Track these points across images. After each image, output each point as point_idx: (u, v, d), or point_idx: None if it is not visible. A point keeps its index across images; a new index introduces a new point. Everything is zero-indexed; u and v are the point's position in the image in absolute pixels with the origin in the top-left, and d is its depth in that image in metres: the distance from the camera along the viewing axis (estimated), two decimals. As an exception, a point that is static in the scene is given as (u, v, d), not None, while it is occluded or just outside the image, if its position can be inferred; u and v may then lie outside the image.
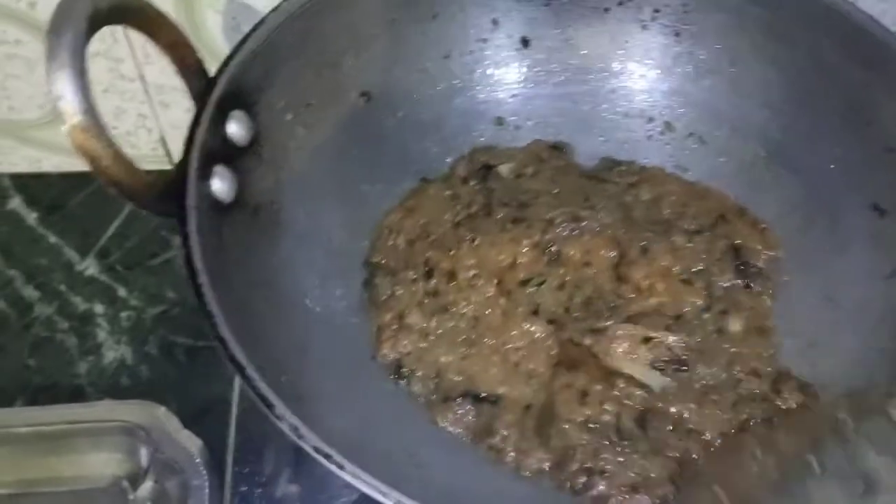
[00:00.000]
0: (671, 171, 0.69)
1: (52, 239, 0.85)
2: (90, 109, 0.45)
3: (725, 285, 0.62)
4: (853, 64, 0.60)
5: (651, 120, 0.70)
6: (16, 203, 0.86)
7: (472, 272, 0.61)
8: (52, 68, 0.45)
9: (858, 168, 0.61)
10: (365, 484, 0.40)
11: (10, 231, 0.84)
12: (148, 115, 0.84)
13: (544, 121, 0.71)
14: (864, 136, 0.61)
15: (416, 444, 0.53)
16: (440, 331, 0.59)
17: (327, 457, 0.41)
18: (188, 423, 0.69)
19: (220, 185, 0.52)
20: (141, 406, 0.69)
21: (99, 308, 0.81)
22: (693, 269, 0.61)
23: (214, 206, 0.51)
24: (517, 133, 0.70)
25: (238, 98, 0.55)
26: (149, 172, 0.49)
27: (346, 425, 0.49)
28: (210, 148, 0.52)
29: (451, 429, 0.56)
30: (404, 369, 0.59)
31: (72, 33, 0.45)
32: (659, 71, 0.69)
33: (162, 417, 0.69)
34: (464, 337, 0.59)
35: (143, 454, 0.68)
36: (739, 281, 0.62)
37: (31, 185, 0.87)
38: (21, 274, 0.82)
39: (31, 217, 0.86)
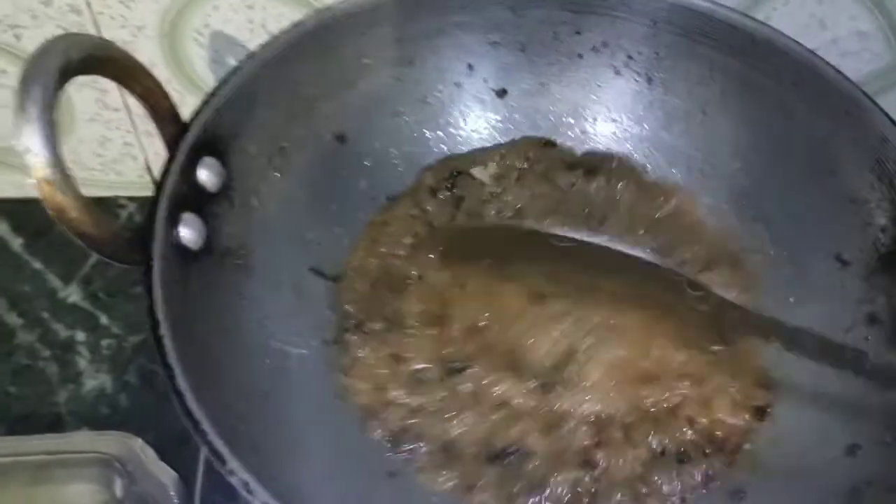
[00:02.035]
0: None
1: (37, 265, 0.85)
2: (58, 163, 0.46)
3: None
4: (819, 116, 0.61)
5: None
6: (2, 229, 0.87)
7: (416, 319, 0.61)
8: (20, 122, 0.46)
9: (822, 218, 0.62)
10: (313, 541, 0.41)
11: (-5, 257, 0.85)
12: (133, 143, 0.85)
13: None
14: (828, 186, 0.61)
15: (379, 494, 0.53)
16: (429, 409, 0.58)
17: (277, 513, 0.41)
18: (165, 453, 0.69)
19: (189, 232, 0.53)
20: (117, 438, 0.70)
21: (80, 336, 0.81)
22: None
23: (181, 254, 0.52)
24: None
25: (210, 145, 0.56)
26: (118, 224, 0.50)
27: (306, 474, 0.50)
28: (180, 196, 0.53)
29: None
30: (404, 446, 0.57)
31: (41, 86, 0.46)
32: (631, 116, 0.70)
33: (138, 449, 0.69)
34: (450, 409, 0.58)
35: (119, 486, 0.69)
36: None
37: (17, 210, 0.88)
38: (4, 300, 0.83)
39: (16, 243, 0.86)
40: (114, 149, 0.86)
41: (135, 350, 0.80)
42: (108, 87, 0.80)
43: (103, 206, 0.87)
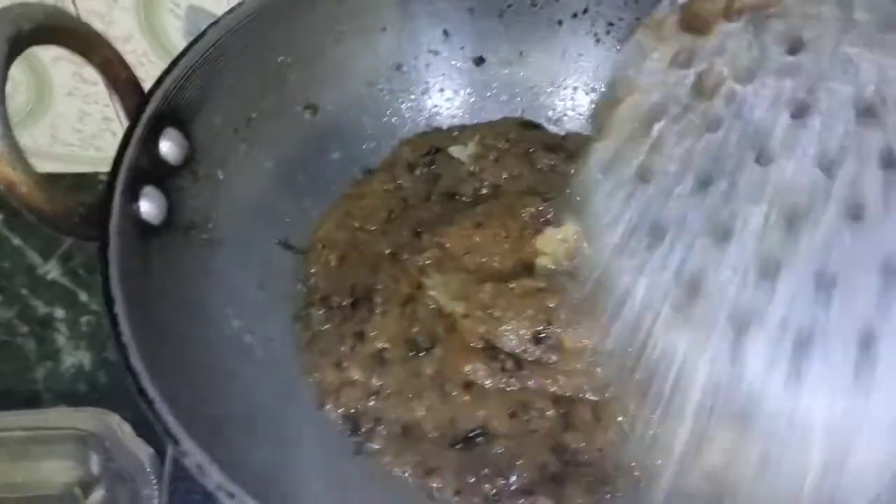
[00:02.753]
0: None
1: (16, 241, 0.85)
2: (6, 135, 0.45)
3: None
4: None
5: (603, 135, 0.69)
6: (-20, 205, 0.86)
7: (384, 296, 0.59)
8: (-31, 99, 0.44)
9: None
10: (267, 523, 0.40)
11: (-26, 233, 0.85)
12: (112, 117, 0.83)
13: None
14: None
15: (340, 474, 0.52)
16: (388, 390, 0.57)
17: (230, 495, 0.40)
18: (142, 429, 0.69)
19: (149, 206, 0.52)
20: (94, 414, 0.69)
21: (59, 312, 0.81)
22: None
23: (141, 229, 0.51)
24: (467, 144, 0.69)
25: (172, 116, 0.55)
26: (72, 199, 0.49)
27: (268, 453, 0.49)
28: (140, 169, 0.52)
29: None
30: (363, 427, 0.56)
31: (-10, 57, 0.45)
32: (611, 87, 0.68)
33: (114, 426, 0.69)
34: (412, 391, 0.56)
35: (95, 462, 0.68)
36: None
37: (-4, 186, 0.87)
38: (-17, 277, 0.82)
39: (-4, 219, 0.86)
40: (92, 124, 0.84)
41: (114, 326, 0.79)
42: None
43: (83, 182, 0.86)
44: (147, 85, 0.55)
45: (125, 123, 0.82)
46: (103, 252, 0.47)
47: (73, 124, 0.84)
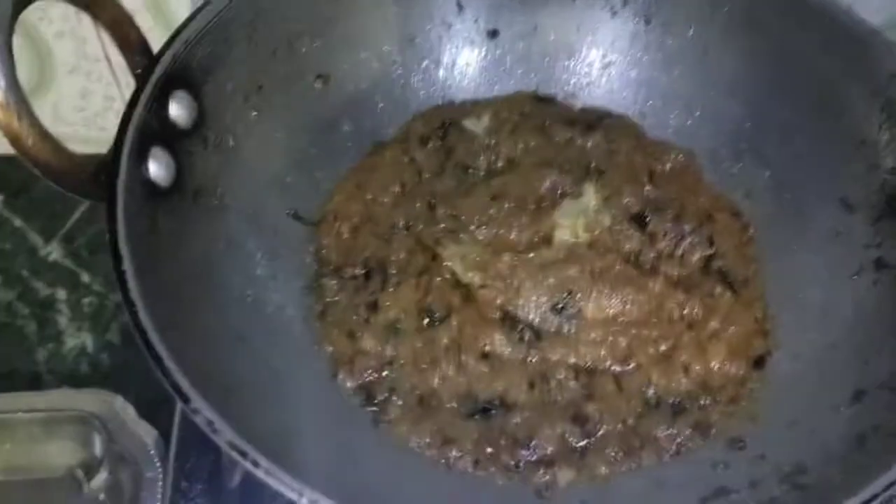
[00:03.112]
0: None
1: (17, 223, 0.83)
2: (13, 87, 0.43)
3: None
4: (826, 55, 0.58)
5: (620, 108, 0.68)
6: (-18, 186, 0.85)
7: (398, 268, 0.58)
8: (-25, 47, 0.43)
9: (828, 161, 0.59)
10: (280, 482, 0.39)
11: (-25, 215, 0.83)
12: (115, 96, 0.82)
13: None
14: (835, 128, 0.59)
15: (354, 443, 0.51)
16: (402, 360, 0.55)
17: (242, 454, 0.39)
18: (146, 413, 0.68)
19: (157, 168, 0.50)
20: (97, 395, 0.68)
21: (61, 294, 0.80)
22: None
23: (150, 191, 0.50)
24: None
25: (182, 78, 0.53)
26: (80, 155, 0.48)
27: (280, 420, 0.48)
28: (148, 130, 0.50)
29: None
30: (377, 397, 0.54)
31: (-3, 9, 0.43)
32: (628, 59, 0.67)
33: (118, 407, 0.68)
34: (427, 361, 0.55)
35: (98, 444, 0.67)
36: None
37: (-2, 168, 0.86)
38: (-17, 258, 0.81)
39: (-3, 200, 0.84)
40: (95, 102, 0.83)
41: (117, 308, 0.78)
42: (88, 36, 0.77)
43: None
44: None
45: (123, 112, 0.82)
46: (111, 209, 0.46)
47: (75, 103, 0.82)
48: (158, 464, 0.65)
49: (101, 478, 0.65)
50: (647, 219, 0.59)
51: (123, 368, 0.75)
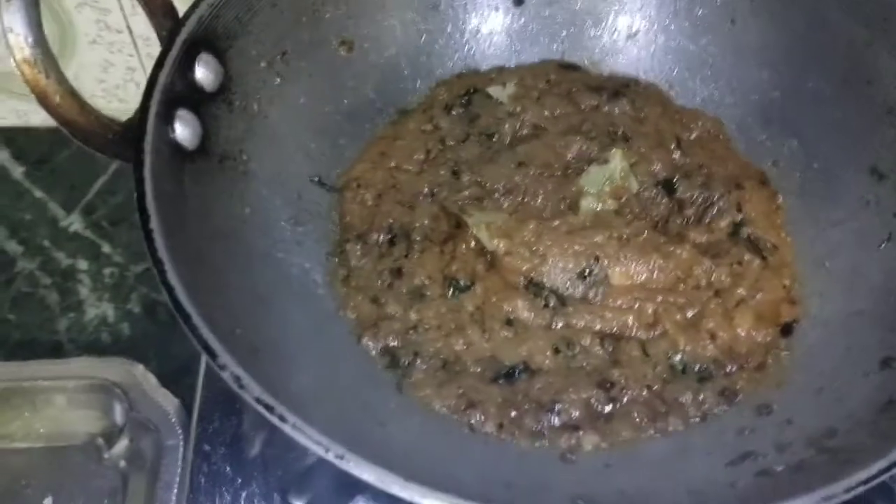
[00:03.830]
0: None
1: (38, 194, 0.83)
2: (41, 43, 0.43)
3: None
4: (855, 22, 0.58)
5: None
6: (2, 157, 0.85)
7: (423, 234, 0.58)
8: (2, 2, 0.43)
9: (858, 130, 0.59)
10: (306, 437, 0.39)
11: (-4, 185, 0.83)
12: (136, 67, 0.82)
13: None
14: (865, 96, 0.58)
15: (379, 405, 0.51)
16: (427, 325, 0.55)
17: (269, 408, 0.39)
18: (167, 382, 0.68)
19: (184, 130, 0.51)
20: (118, 364, 0.68)
21: (82, 264, 0.80)
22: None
23: (176, 152, 0.50)
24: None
25: (207, 41, 0.53)
26: (107, 116, 0.48)
27: (305, 381, 0.47)
28: (174, 91, 0.50)
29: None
30: (401, 361, 0.54)
31: (24, -35, 0.43)
32: (655, 27, 0.66)
33: (139, 376, 0.68)
34: (452, 326, 0.55)
35: (119, 412, 0.67)
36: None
37: (19, 138, 0.86)
38: (5, 228, 0.81)
39: (18, 171, 0.84)
40: (116, 74, 0.83)
41: (137, 279, 0.78)
42: (110, 7, 0.77)
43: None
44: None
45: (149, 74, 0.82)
46: (138, 169, 0.46)
47: (96, 74, 0.82)
48: (179, 431, 0.65)
49: (122, 445, 0.66)
50: (676, 184, 0.59)
51: (144, 338, 0.75)
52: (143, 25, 0.75)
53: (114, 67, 0.82)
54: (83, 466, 0.66)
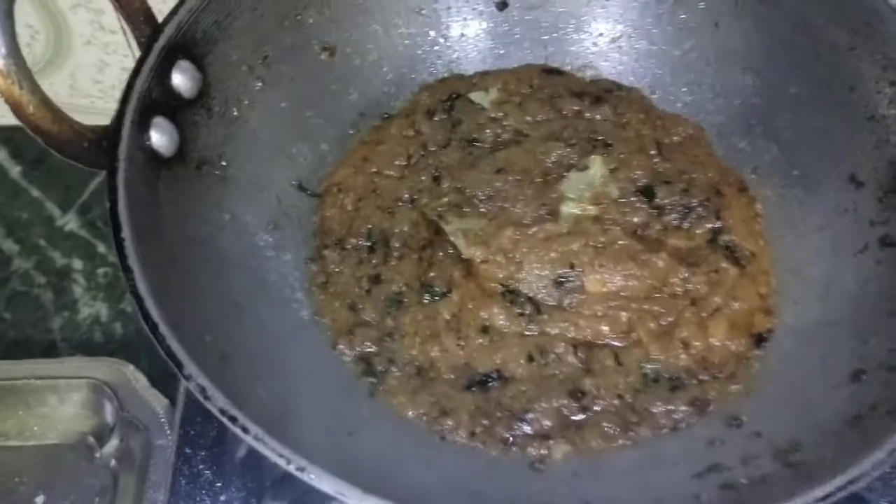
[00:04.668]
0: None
1: (35, 193, 0.84)
2: (14, 54, 0.44)
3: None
4: (838, 27, 0.57)
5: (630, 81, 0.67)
6: (0, 156, 0.86)
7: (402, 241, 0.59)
8: (-25, 11, 0.43)
9: (838, 137, 0.58)
10: (268, 449, 0.39)
11: (-7, 184, 0.84)
12: (131, 68, 0.82)
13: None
14: (847, 103, 0.57)
15: (351, 412, 0.51)
16: (403, 332, 0.56)
17: (233, 419, 0.39)
18: (157, 382, 0.68)
19: (160, 137, 0.51)
20: (109, 364, 0.69)
21: (77, 264, 0.80)
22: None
23: (152, 159, 0.50)
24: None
25: (186, 48, 0.54)
26: (83, 124, 0.48)
27: (277, 387, 0.48)
28: (151, 99, 0.51)
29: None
30: (376, 368, 0.55)
31: (-2, -25, 0.44)
32: (638, 31, 0.66)
33: (130, 375, 0.68)
34: (427, 333, 0.56)
35: (110, 412, 0.68)
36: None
37: (16, 137, 0.86)
38: (1, 227, 0.82)
39: (15, 170, 0.85)
40: (112, 74, 0.83)
41: (132, 279, 0.79)
42: (105, 8, 0.77)
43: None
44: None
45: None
46: (112, 177, 0.46)
47: (92, 75, 0.83)
48: (168, 431, 0.65)
49: (113, 444, 0.66)
50: (656, 191, 0.59)
51: (136, 338, 0.76)
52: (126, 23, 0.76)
53: (109, 68, 0.82)
54: (75, 465, 0.67)
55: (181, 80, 0.53)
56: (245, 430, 0.39)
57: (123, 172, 0.47)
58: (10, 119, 0.85)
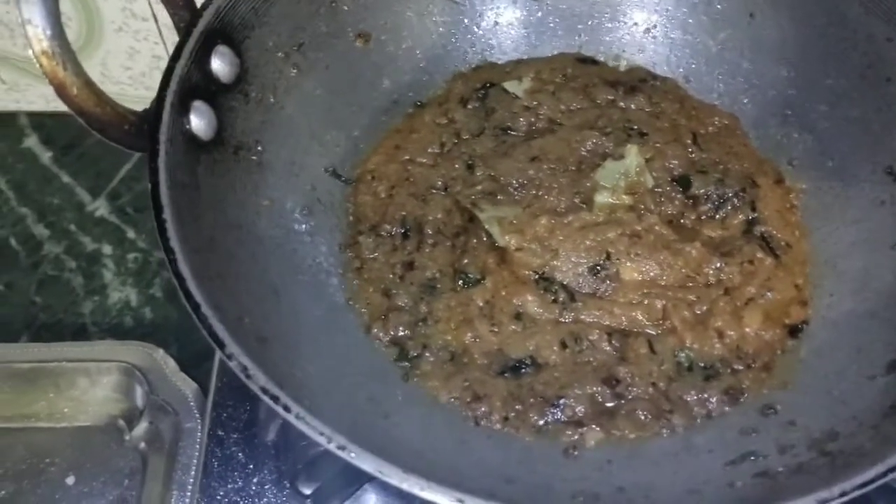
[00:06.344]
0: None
1: (66, 178, 0.85)
2: (59, 35, 0.44)
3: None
4: (875, 17, 0.57)
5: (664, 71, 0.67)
6: (31, 142, 0.87)
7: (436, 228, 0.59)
8: (21, -7, 0.44)
9: (875, 129, 0.58)
10: (310, 428, 0.39)
11: (25, 169, 0.85)
12: (162, 55, 0.83)
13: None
14: (883, 94, 0.57)
15: (385, 396, 0.51)
16: (436, 317, 0.56)
17: (274, 398, 0.40)
18: (187, 366, 0.69)
19: (199, 121, 0.51)
20: (139, 347, 0.70)
21: (107, 249, 0.81)
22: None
23: (191, 143, 0.50)
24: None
25: (224, 33, 0.54)
26: (124, 106, 0.48)
27: (312, 371, 0.48)
28: (190, 83, 0.51)
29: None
30: (410, 352, 0.55)
31: (43, -43, 0.44)
32: (673, 22, 0.66)
33: (159, 360, 0.69)
34: (461, 319, 0.56)
35: (139, 395, 0.69)
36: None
37: (48, 124, 0.87)
38: (33, 212, 0.83)
39: (46, 156, 0.86)
40: (142, 61, 0.84)
41: (160, 265, 0.80)
42: (136, -6, 0.78)
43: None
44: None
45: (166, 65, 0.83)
46: (153, 159, 0.46)
47: (122, 62, 0.83)
48: (197, 415, 0.66)
49: (142, 427, 0.67)
50: (691, 180, 0.59)
51: (165, 323, 0.76)
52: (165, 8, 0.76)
53: (139, 55, 0.83)
54: (105, 447, 0.68)
55: (220, 64, 0.53)
56: (287, 408, 0.40)
57: (164, 154, 0.47)
58: (40, 105, 0.87)
